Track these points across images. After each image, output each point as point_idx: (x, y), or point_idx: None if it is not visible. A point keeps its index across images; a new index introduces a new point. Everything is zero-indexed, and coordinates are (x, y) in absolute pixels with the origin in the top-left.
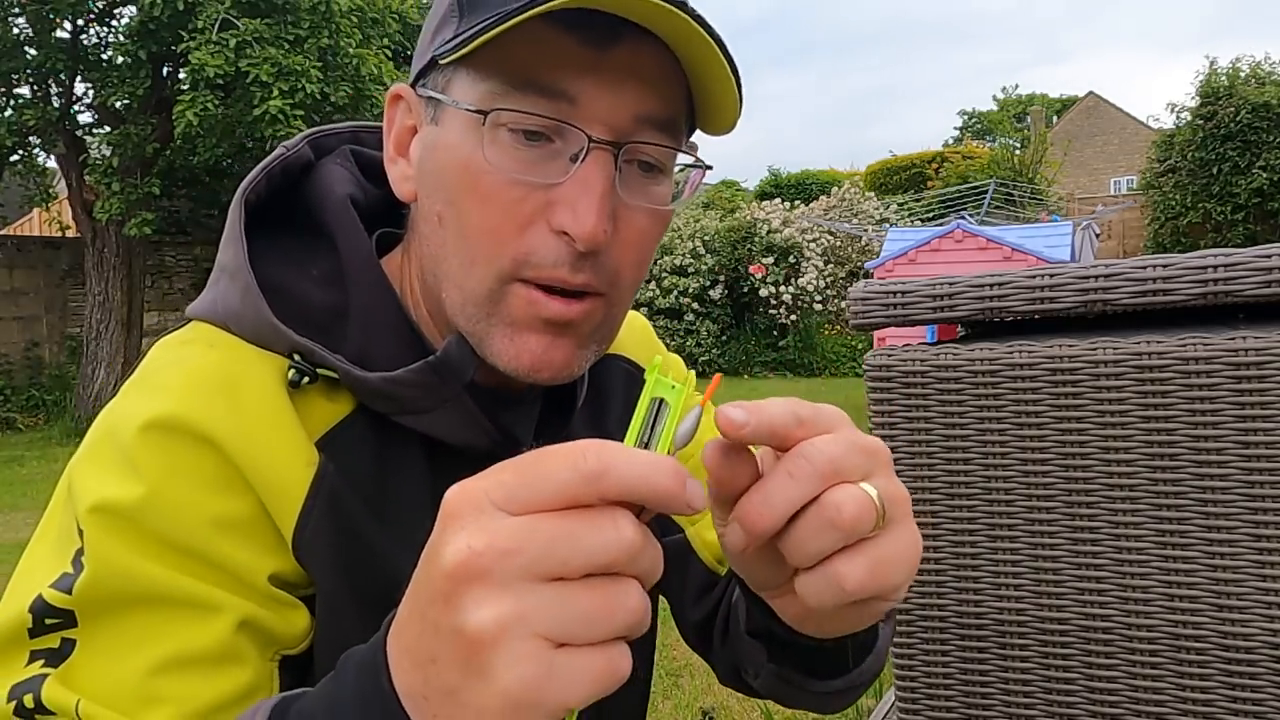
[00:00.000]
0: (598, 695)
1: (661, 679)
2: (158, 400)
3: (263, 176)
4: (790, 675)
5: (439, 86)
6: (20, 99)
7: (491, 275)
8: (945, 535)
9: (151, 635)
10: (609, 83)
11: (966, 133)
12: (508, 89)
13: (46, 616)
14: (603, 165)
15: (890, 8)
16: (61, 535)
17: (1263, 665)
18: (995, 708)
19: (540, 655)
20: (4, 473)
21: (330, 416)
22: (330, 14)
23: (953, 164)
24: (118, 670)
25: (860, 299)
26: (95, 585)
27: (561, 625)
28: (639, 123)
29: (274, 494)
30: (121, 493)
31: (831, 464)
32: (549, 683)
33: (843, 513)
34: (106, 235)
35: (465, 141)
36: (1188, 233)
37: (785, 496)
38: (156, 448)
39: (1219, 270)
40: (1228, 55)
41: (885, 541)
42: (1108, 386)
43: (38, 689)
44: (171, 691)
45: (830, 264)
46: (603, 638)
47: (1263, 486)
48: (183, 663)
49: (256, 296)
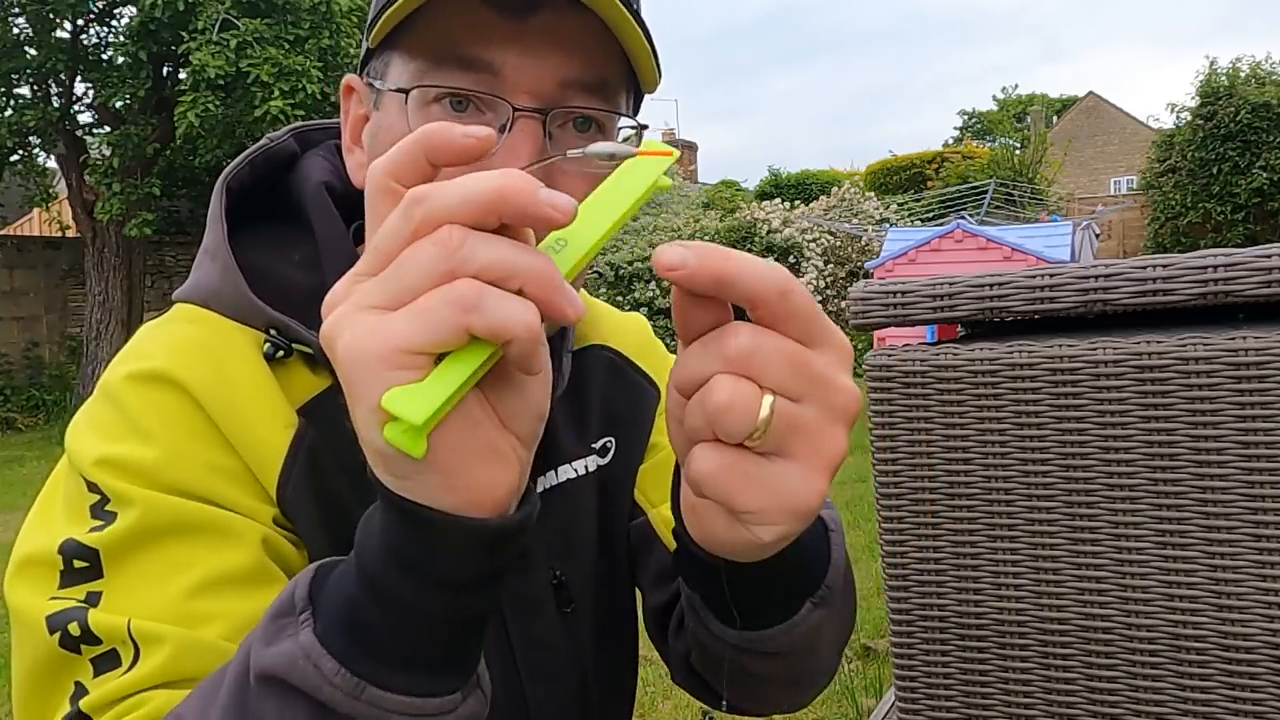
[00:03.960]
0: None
1: (661, 679)
2: (142, 361)
3: (245, 164)
4: (699, 607)
5: (377, 73)
6: (20, 99)
7: None
8: (945, 535)
9: (184, 562)
10: (530, 51)
11: (966, 133)
12: (432, 65)
13: (76, 558)
14: (530, 132)
15: (890, 7)
16: (71, 497)
17: (1263, 665)
18: (995, 708)
19: (364, 317)
20: (4, 473)
21: (312, 387)
22: (331, 14)
23: (953, 164)
24: (160, 595)
25: (860, 299)
26: (126, 526)
27: (387, 293)
28: (564, 88)
29: (255, 455)
30: (129, 450)
31: (740, 353)
32: (373, 332)
33: (711, 396)
34: (106, 235)
35: (400, 122)
36: (1188, 233)
37: (692, 366)
38: (148, 399)
39: (1219, 270)
40: (1228, 55)
41: (765, 464)
42: (1108, 386)
43: (83, 617)
44: (215, 609)
45: (830, 264)
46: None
47: (1263, 486)
48: (220, 583)
49: (235, 273)
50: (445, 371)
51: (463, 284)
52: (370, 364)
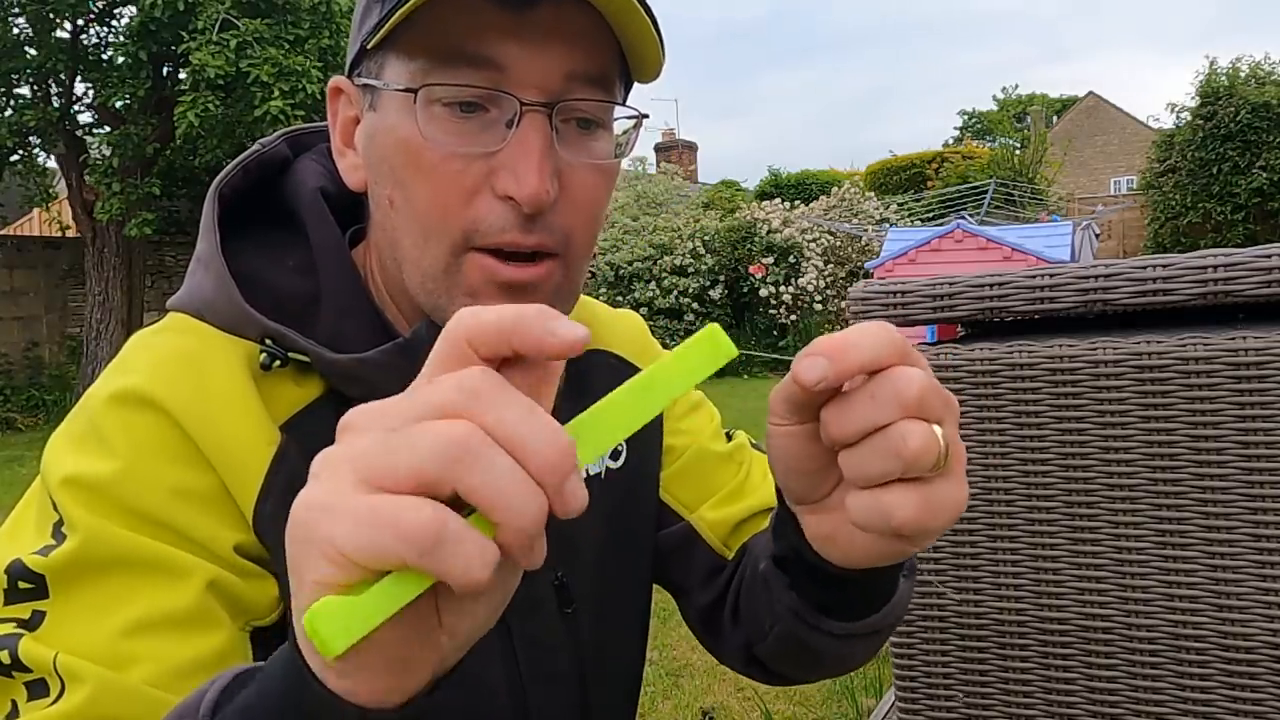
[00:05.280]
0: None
1: (661, 679)
2: (125, 378)
3: (238, 171)
4: (807, 613)
5: (372, 73)
6: (20, 99)
7: (445, 249)
8: (945, 535)
9: (123, 598)
10: (534, 44)
11: (966, 133)
12: (435, 64)
13: (21, 580)
14: (538, 127)
15: (890, 7)
16: (40, 510)
17: (1263, 665)
18: (995, 708)
19: (340, 482)
20: (4, 473)
21: (297, 400)
22: (330, 14)
23: (953, 164)
24: (92, 631)
25: (860, 299)
26: (69, 552)
27: (377, 466)
28: (569, 81)
29: (234, 472)
30: (89, 465)
31: (916, 398)
32: (330, 513)
33: (908, 444)
34: (106, 235)
35: (402, 122)
36: (1188, 233)
37: (864, 415)
38: (121, 419)
39: (1219, 270)
40: (1228, 55)
41: (938, 486)
42: (1108, 386)
43: (14, 645)
44: (146, 651)
45: (830, 264)
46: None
47: (1263, 486)
48: (155, 624)
49: (229, 284)
50: (385, 592)
51: (429, 515)
52: (311, 548)
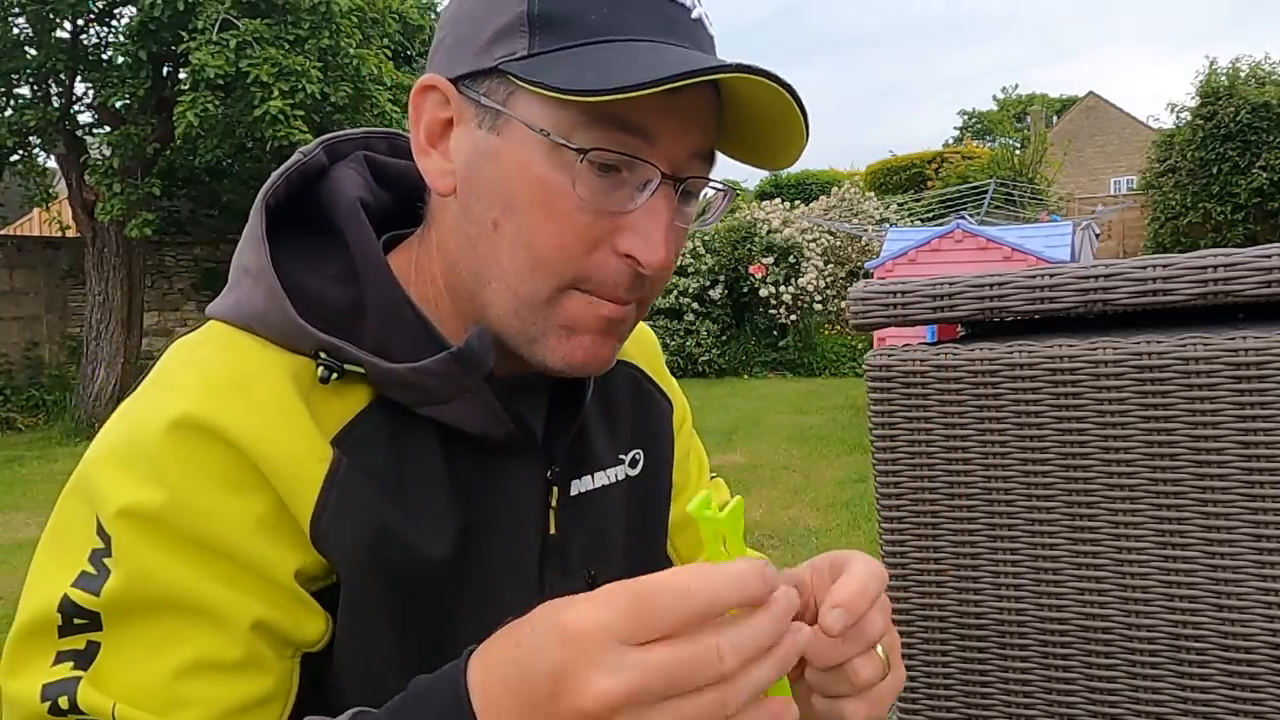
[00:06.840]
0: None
1: None
2: (176, 401)
3: (282, 181)
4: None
5: (499, 98)
6: (20, 99)
7: (552, 285)
8: (945, 535)
9: (175, 639)
10: (680, 123)
11: (966, 133)
12: (589, 120)
13: (75, 617)
14: (669, 198)
15: (890, 8)
16: (78, 533)
17: (1263, 665)
18: (995, 708)
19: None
20: (4, 473)
21: (344, 413)
22: (330, 14)
23: (953, 164)
24: (145, 673)
25: (860, 299)
26: (124, 589)
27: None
28: (693, 158)
29: (290, 488)
30: (148, 496)
31: (873, 637)
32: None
33: (860, 676)
34: (107, 235)
35: (537, 160)
36: (1188, 233)
37: (837, 656)
38: (179, 450)
39: (1219, 270)
40: (1228, 55)
41: (882, 686)
42: (1108, 386)
43: (73, 691)
44: (197, 694)
45: (830, 264)
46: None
47: (1263, 486)
48: (206, 666)
49: (281, 298)
50: None
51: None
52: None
